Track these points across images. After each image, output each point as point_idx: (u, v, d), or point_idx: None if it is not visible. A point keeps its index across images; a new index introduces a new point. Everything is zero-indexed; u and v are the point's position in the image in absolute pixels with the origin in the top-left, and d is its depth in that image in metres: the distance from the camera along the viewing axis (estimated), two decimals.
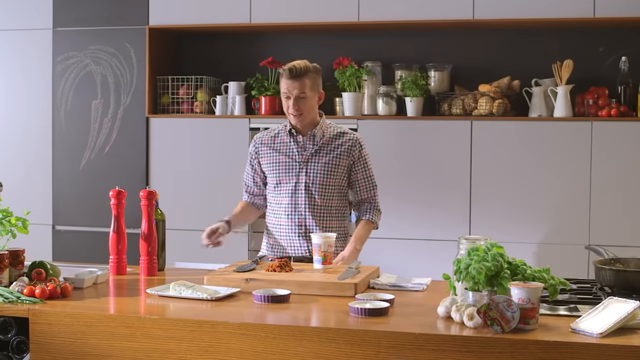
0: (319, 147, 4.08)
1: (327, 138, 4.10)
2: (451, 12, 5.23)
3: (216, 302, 2.97)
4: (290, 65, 4.01)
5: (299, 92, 3.99)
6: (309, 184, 4.03)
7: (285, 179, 4.08)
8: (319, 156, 4.06)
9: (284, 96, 4.03)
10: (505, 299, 2.50)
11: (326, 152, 4.07)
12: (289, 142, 4.11)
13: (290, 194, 4.05)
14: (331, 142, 4.10)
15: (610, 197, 5.03)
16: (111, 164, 5.77)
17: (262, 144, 4.18)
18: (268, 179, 4.18)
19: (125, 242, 3.57)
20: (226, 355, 2.64)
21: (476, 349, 2.45)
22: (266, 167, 4.15)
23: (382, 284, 3.28)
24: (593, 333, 2.45)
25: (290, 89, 3.98)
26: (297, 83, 3.98)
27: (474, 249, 2.72)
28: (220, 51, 6.03)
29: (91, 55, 5.81)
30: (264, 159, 4.16)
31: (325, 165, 4.05)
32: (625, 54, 5.23)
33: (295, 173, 4.06)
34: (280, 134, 4.16)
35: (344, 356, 2.54)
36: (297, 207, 4.03)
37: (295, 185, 4.05)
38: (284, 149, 4.12)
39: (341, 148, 4.08)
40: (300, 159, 4.06)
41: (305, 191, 4.03)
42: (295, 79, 3.97)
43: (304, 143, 4.09)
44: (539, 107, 5.24)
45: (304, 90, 3.99)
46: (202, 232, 4.01)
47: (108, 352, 2.76)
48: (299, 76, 3.98)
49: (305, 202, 4.03)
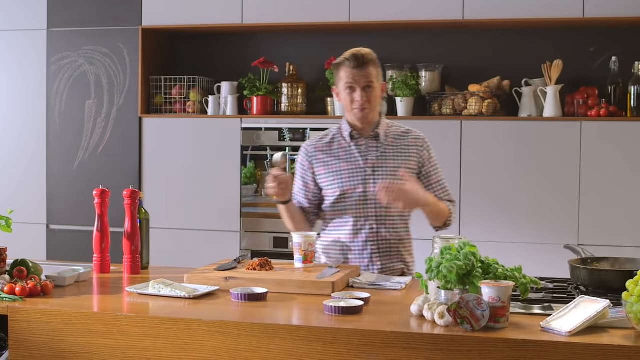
0: (384, 149, 3.68)
1: (392, 138, 3.71)
2: (441, 13, 5.25)
3: (194, 300, 2.99)
4: (353, 52, 3.63)
5: (366, 82, 3.58)
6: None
7: (350, 189, 3.64)
8: (386, 159, 3.66)
9: (346, 88, 3.60)
10: (476, 298, 2.52)
11: (393, 155, 3.67)
12: (348, 146, 3.69)
13: (356, 206, 3.64)
14: (396, 142, 3.70)
15: (600, 197, 5.04)
16: (105, 164, 5.81)
17: (316, 151, 3.74)
18: (326, 192, 3.71)
19: (109, 241, 3.59)
20: (200, 352, 2.66)
21: (445, 347, 2.47)
22: (325, 178, 3.70)
23: (361, 282, 3.30)
24: (562, 332, 2.47)
25: (356, 78, 3.57)
26: (363, 72, 3.58)
27: (447, 248, 2.74)
28: (212, 51, 6.06)
29: (85, 56, 5.84)
30: (320, 169, 3.71)
31: (397, 170, 3.63)
32: (615, 54, 5.25)
33: (361, 181, 3.64)
34: (336, 138, 3.74)
35: (316, 354, 2.56)
36: (367, 220, 3.64)
37: (363, 196, 3.64)
38: (343, 155, 3.68)
39: (409, 149, 3.70)
40: (365, 165, 3.65)
41: (375, 202, 3.60)
42: (361, 67, 3.58)
43: (367, 146, 3.68)
44: (528, 107, 5.25)
45: (371, 79, 3.59)
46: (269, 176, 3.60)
47: (85, 350, 2.78)
48: (365, 64, 3.59)
49: (377, 214, 3.63)
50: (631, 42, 5.34)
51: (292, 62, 5.73)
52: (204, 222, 5.65)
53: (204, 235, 5.63)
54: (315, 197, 3.76)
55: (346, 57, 3.62)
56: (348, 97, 3.61)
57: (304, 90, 5.68)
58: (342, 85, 3.63)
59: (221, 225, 5.61)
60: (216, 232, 5.61)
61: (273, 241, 5.52)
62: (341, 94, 3.66)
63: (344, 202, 3.66)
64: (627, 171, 5.02)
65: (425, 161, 3.73)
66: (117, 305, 2.99)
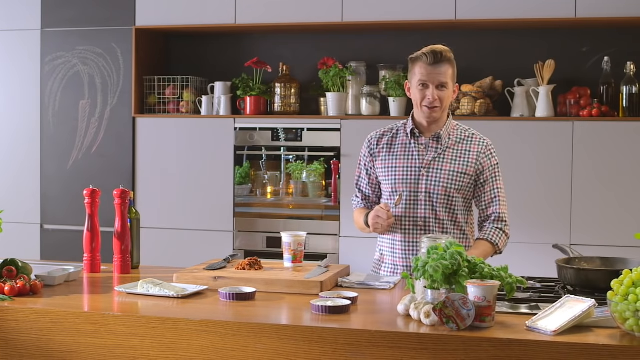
0: (443, 150, 3.59)
1: (454, 141, 3.61)
2: (434, 13, 5.26)
3: (183, 299, 3.00)
4: (432, 49, 3.50)
5: (440, 81, 3.49)
6: (430, 193, 3.55)
7: (402, 187, 3.58)
8: (443, 161, 3.57)
9: (419, 84, 3.51)
10: (461, 297, 2.53)
11: (452, 158, 3.58)
12: (409, 143, 3.62)
13: (405, 206, 3.58)
14: (457, 145, 3.60)
15: (592, 196, 5.05)
16: (98, 164, 5.81)
17: (378, 145, 3.69)
18: (383, 187, 3.67)
19: (99, 241, 3.60)
20: (187, 352, 2.67)
21: (431, 346, 2.48)
22: (381, 172, 3.65)
23: (350, 282, 3.30)
24: (547, 331, 2.48)
25: (432, 75, 3.47)
26: (440, 69, 3.48)
27: (433, 248, 2.75)
28: (206, 51, 6.07)
29: (79, 56, 5.85)
30: (380, 162, 3.66)
31: (451, 173, 3.55)
32: (607, 54, 5.26)
33: (414, 180, 3.57)
34: (399, 133, 3.67)
35: (303, 353, 2.57)
36: (416, 221, 3.58)
37: (412, 196, 3.57)
38: (401, 152, 3.62)
39: (469, 154, 3.59)
40: (420, 164, 3.58)
41: (425, 202, 3.55)
42: (437, 64, 3.47)
43: (427, 145, 3.60)
44: (521, 107, 5.26)
45: (445, 79, 3.49)
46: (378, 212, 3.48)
47: (73, 349, 2.79)
48: (442, 62, 3.49)
49: (425, 215, 3.56)
50: (623, 42, 5.35)
51: (285, 62, 5.74)
52: (198, 222, 5.66)
53: (198, 235, 5.64)
54: (378, 188, 3.72)
55: (424, 53, 3.50)
56: (419, 94, 3.52)
57: (297, 90, 5.69)
58: (415, 80, 3.53)
59: (214, 225, 5.62)
60: (209, 232, 5.62)
61: (266, 241, 5.53)
62: (413, 89, 3.57)
63: (394, 200, 3.60)
64: (619, 171, 5.03)
65: (485, 169, 3.61)
66: (106, 304, 3.00)
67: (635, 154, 5.00)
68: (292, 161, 5.73)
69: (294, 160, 5.72)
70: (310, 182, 5.67)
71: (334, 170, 5.52)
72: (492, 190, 3.62)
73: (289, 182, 5.76)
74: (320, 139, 5.53)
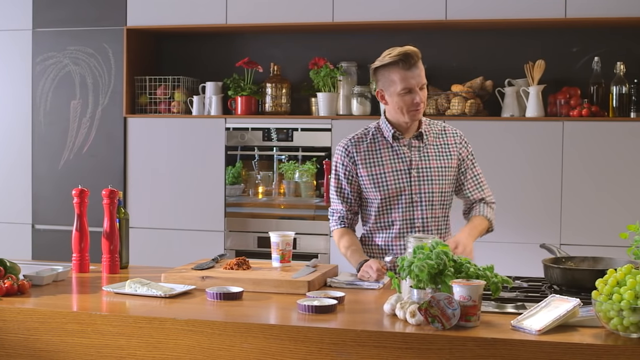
0: (426, 149, 3.54)
1: (432, 137, 3.57)
2: (424, 13, 5.27)
3: (170, 299, 3.00)
4: (403, 52, 3.40)
5: (422, 82, 3.42)
6: (426, 194, 3.51)
7: (395, 193, 3.51)
8: (429, 160, 3.53)
9: (403, 92, 3.40)
10: (446, 297, 2.54)
11: (435, 154, 3.55)
12: (391, 147, 3.55)
13: (403, 210, 3.52)
14: (436, 141, 3.57)
15: (582, 196, 5.06)
16: (90, 164, 5.81)
17: (357, 152, 3.57)
18: (368, 195, 3.58)
19: (88, 240, 3.60)
20: (174, 351, 2.68)
21: (416, 345, 2.48)
22: (367, 180, 3.55)
23: (339, 282, 3.31)
24: (532, 330, 2.48)
25: (413, 80, 3.38)
26: (417, 71, 3.40)
27: (419, 247, 2.76)
28: (197, 51, 6.08)
29: (70, 56, 5.85)
30: (363, 170, 3.55)
31: (439, 169, 3.53)
32: (597, 54, 5.27)
33: (407, 183, 3.51)
34: (376, 138, 3.58)
35: (288, 352, 2.58)
36: (414, 224, 3.53)
37: (408, 198, 3.51)
38: (387, 157, 3.54)
39: (449, 147, 3.57)
40: (408, 166, 3.52)
41: (421, 204, 3.51)
42: (414, 67, 3.39)
43: (410, 146, 3.54)
44: (511, 107, 5.27)
45: (424, 79, 3.42)
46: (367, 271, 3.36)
47: (60, 348, 2.80)
48: (417, 62, 3.41)
49: (423, 216, 3.52)
50: (613, 42, 5.37)
51: (276, 62, 5.75)
52: (189, 222, 5.66)
53: (189, 235, 5.64)
54: (356, 198, 3.62)
55: (399, 59, 3.40)
56: (403, 100, 3.41)
57: (288, 91, 5.70)
58: (395, 88, 3.42)
59: (205, 225, 5.62)
60: (200, 232, 5.63)
61: (257, 241, 5.54)
62: (392, 96, 3.45)
63: (388, 206, 3.54)
64: (609, 171, 5.04)
65: (464, 158, 3.60)
66: (94, 304, 3.00)
67: (625, 154, 5.01)
68: (285, 161, 5.73)
69: (286, 160, 5.72)
70: (303, 182, 5.67)
71: (326, 170, 5.52)
72: (475, 177, 3.65)
73: (281, 182, 5.76)
74: (312, 139, 5.53)
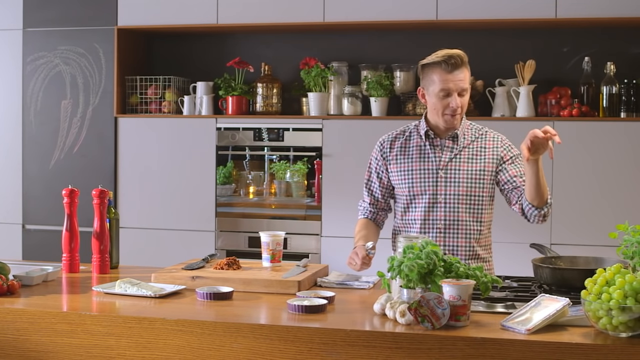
0: (460, 150, 3.50)
1: (469, 140, 3.52)
2: (415, 13, 5.28)
3: (160, 299, 3.00)
4: (449, 55, 3.39)
5: (461, 88, 3.39)
6: (449, 195, 3.47)
7: (419, 191, 3.49)
8: (460, 162, 3.49)
9: (442, 94, 3.39)
10: (436, 296, 2.54)
11: (468, 157, 3.49)
12: (423, 145, 3.53)
13: (425, 209, 3.49)
14: (473, 144, 3.52)
15: (572, 196, 5.07)
16: (80, 164, 5.80)
17: (391, 148, 3.58)
18: (397, 191, 3.59)
19: (78, 240, 3.60)
20: (164, 351, 2.68)
21: (405, 345, 2.48)
22: (396, 176, 3.56)
23: (329, 282, 3.31)
24: (522, 330, 2.49)
25: (452, 84, 3.36)
26: (459, 75, 3.37)
27: (409, 247, 2.76)
28: (188, 51, 6.07)
29: (61, 56, 5.84)
30: (393, 166, 3.56)
31: (470, 172, 3.48)
32: (588, 54, 5.29)
33: (432, 182, 3.48)
34: (412, 135, 3.58)
35: (278, 352, 2.58)
36: (434, 225, 3.49)
37: (432, 198, 3.48)
38: (417, 155, 3.52)
39: (485, 151, 3.51)
40: (437, 166, 3.49)
41: (445, 205, 3.47)
42: (456, 71, 3.37)
43: (443, 146, 3.51)
44: (502, 107, 5.28)
45: (466, 85, 3.39)
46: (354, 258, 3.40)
47: (50, 349, 2.79)
48: (460, 68, 3.38)
49: (445, 218, 3.47)
50: (604, 42, 5.38)
51: (267, 62, 5.75)
52: (180, 222, 5.66)
53: (180, 234, 5.64)
54: (389, 193, 3.63)
55: (443, 59, 3.39)
56: (440, 102, 3.40)
57: (279, 90, 5.70)
58: (434, 88, 3.41)
59: (196, 225, 5.62)
60: (191, 232, 5.62)
61: (248, 241, 5.54)
62: (431, 96, 3.45)
63: (412, 203, 3.53)
64: (599, 170, 5.05)
65: (505, 158, 3.52)
66: (83, 304, 3.00)
67: (615, 154, 5.03)
68: (276, 161, 5.73)
69: (278, 160, 5.72)
70: (294, 182, 5.67)
71: (317, 170, 5.52)
72: (520, 171, 3.51)
73: (272, 182, 5.76)
74: (303, 138, 5.53)
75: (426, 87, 3.50)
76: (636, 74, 5.21)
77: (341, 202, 5.34)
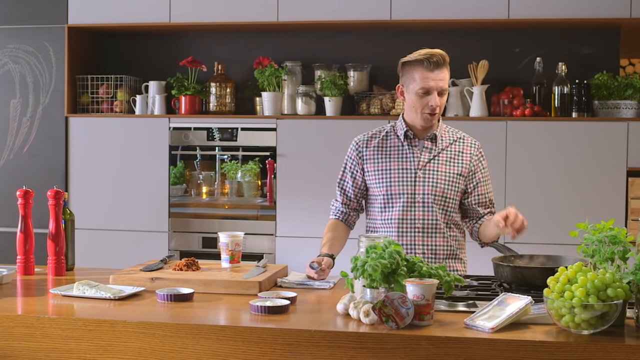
0: (438, 152, 3.53)
1: (447, 142, 3.56)
2: (369, 13, 5.29)
3: (119, 301, 2.96)
4: (431, 53, 3.41)
5: (443, 87, 3.40)
6: (427, 196, 3.49)
7: (397, 191, 3.50)
8: (438, 163, 3.52)
9: (421, 92, 3.40)
10: (400, 296, 2.54)
11: (446, 159, 3.53)
12: (401, 145, 3.55)
13: (402, 209, 3.50)
14: (450, 147, 3.56)
15: (526, 195, 5.12)
16: (30, 164, 5.72)
17: (367, 148, 3.59)
18: (372, 190, 3.59)
19: (33, 242, 3.53)
20: (125, 354, 2.64)
21: (370, 345, 2.48)
22: (373, 175, 3.56)
23: (290, 282, 3.30)
24: (485, 328, 2.50)
25: (433, 82, 3.37)
26: (440, 74, 3.38)
27: (372, 247, 2.76)
28: (140, 50, 6.02)
29: (9, 54, 5.75)
30: (370, 165, 3.57)
31: (447, 175, 3.51)
32: (540, 54, 5.35)
33: (410, 183, 3.50)
34: (389, 136, 3.59)
35: (241, 354, 2.56)
36: (413, 224, 3.50)
37: (410, 198, 3.49)
38: (395, 155, 3.54)
39: (462, 155, 3.55)
40: (415, 166, 3.51)
41: (423, 205, 3.49)
42: (437, 70, 3.39)
43: (421, 147, 3.54)
44: (455, 106, 5.31)
45: (445, 84, 3.41)
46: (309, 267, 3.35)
47: (7, 353, 2.74)
48: (441, 67, 3.41)
49: (423, 218, 3.49)
50: (555, 43, 5.44)
51: (220, 61, 5.72)
52: (132, 223, 5.60)
53: (132, 235, 5.58)
54: (361, 193, 3.62)
55: (425, 58, 3.41)
56: (419, 101, 3.42)
57: (233, 90, 5.67)
58: (414, 86, 3.42)
59: (149, 226, 5.57)
60: (144, 233, 5.57)
61: (202, 241, 5.50)
62: (410, 94, 3.46)
63: (390, 203, 3.53)
64: (551, 169, 5.11)
65: (478, 171, 3.58)
66: (41, 307, 2.94)
67: (568, 153, 5.08)
68: (227, 161, 5.70)
69: (229, 160, 5.69)
70: (245, 182, 5.65)
71: (269, 170, 5.51)
72: (486, 193, 3.61)
73: (224, 182, 5.73)
74: (256, 138, 5.51)
75: (406, 85, 3.50)
76: (587, 74, 5.28)
77: (296, 202, 5.33)
